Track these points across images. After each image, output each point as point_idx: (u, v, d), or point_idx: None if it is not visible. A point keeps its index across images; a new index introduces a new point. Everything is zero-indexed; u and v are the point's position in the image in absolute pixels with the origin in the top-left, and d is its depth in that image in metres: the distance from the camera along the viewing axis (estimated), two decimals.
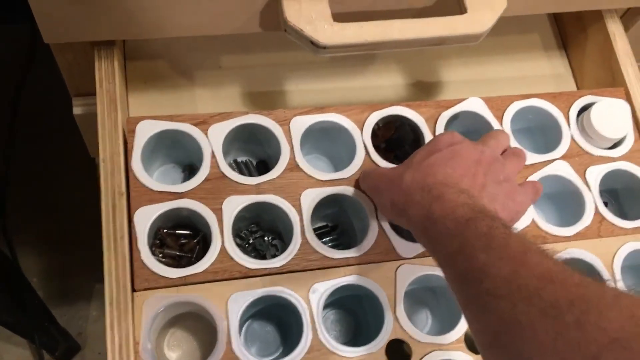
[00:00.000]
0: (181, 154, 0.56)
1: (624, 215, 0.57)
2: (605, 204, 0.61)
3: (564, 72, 0.69)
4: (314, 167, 0.54)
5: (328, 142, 0.58)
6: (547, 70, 0.69)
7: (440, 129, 0.57)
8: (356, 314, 0.56)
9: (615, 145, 0.59)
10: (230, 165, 0.56)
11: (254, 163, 0.59)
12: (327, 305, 0.56)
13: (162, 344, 0.52)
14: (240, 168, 0.57)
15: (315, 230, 0.57)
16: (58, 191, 1.09)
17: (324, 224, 0.58)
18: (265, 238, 0.56)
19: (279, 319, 0.55)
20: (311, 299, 0.49)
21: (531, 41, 0.71)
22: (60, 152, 1.05)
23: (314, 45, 0.48)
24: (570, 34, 0.69)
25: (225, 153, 0.55)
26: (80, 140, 0.69)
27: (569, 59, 0.70)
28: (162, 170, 0.57)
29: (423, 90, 0.66)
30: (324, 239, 0.56)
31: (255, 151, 0.59)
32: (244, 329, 0.54)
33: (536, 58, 0.70)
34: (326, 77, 0.65)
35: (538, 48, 0.70)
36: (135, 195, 0.50)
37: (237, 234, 0.56)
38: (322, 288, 0.50)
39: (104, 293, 0.47)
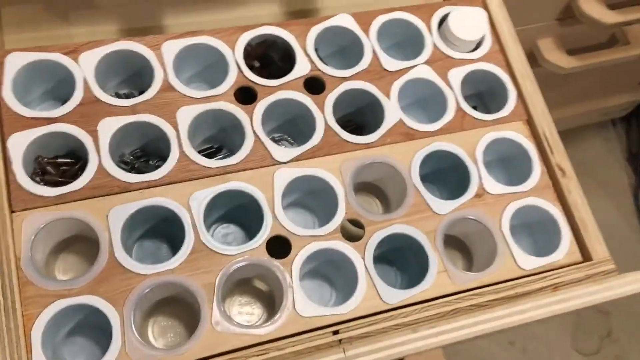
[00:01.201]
0: (60, 89, 0.57)
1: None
2: (474, 108, 0.66)
3: None
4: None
5: (202, 65, 0.60)
6: None
7: (310, 43, 0.60)
8: (242, 223, 0.58)
9: (475, 50, 0.64)
10: (111, 97, 0.58)
11: (136, 94, 0.60)
12: (215, 221, 0.58)
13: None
14: (121, 98, 0.59)
15: (200, 152, 0.59)
16: None
17: (209, 145, 0.60)
18: (151, 162, 0.58)
19: (169, 236, 0.57)
20: (192, 205, 0.52)
21: None
22: None
23: None
24: None
25: (104, 85, 0.57)
26: None
27: None
28: (44, 107, 0.58)
29: (302, 17, 0.69)
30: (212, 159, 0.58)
31: (136, 83, 0.60)
32: (134, 248, 0.56)
33: None
34: (204, 10, 0.67)
35: None
36: (7, 122, 0.51)
37: (121, 159, 0.57)
38: (202, 195, 0.52)
39: None
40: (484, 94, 0.66)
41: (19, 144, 0.51)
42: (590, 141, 1.54)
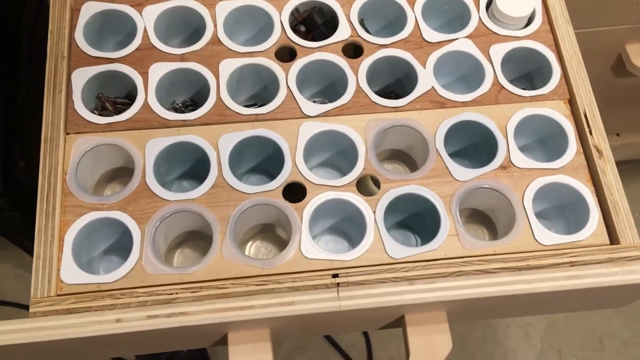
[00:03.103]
0: (128, 39, 0.64)
1: None
2: (523, 90, 0.65)
3: None
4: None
5: (252, 29, 0.64)
6: None
7: (354, 12, 0.62)
8: (272, 175, 0.61)
9: (524, 28, 0.63)
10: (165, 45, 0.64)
11: None
12: (248, 171, 0.62)
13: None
14: None
15: (244, 106, 0.64)
16: None
17: (253, 102, 0.65)
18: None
19: (205, 178, 0.61)
20: (219, 145, 0.56)
21: None
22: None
23: None
24: None
25: (166, 41, 0.63)
26: None
27: None
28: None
29: None
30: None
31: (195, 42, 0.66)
32: (173, 185, 0.62)
33: None
34: None
35: None
36: (74, 58, 0.59)
37: (172, 105, 0.63)
38: (230, 137, 0.56)
39: None
40: (533, 76, 0.65)
41: (81, 77, 0.58)
42: None
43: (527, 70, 0.64)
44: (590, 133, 0.57)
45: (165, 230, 0.55)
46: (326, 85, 0.64)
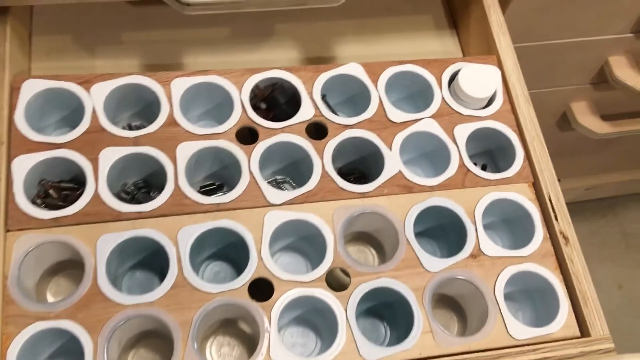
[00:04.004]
0: (75, 117, 0.59)
1: None
2: (484, 166, 0.65)
3: (453, 50, 0.73)
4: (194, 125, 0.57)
5: (211, 104, 0.61)
6: (438, 48, 0.73)
7: (317, 90, 0.60)
8: (234, 262, 0.58)
9: (485, 108, 0.63)
10: (123, 128, 0.60)
11: (147, 126, 0.62)
12: (207, 258, 0.59)
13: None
14: (133, 130, 0.61)
15: (201, 188, 0.60)
16: None
17: (211, 182, 0.61)
18: (151, 194, 0.59)
19: (161, 269, 0.57)
20: (179, 240, 0.52)
21: (424, 22, 0.75)
22: None
23: (178, 2, 0.52)
24: (459, 13, 0.73)
25: (115, 117, 0.59)
26: None
27: (458, 37, 0.74)
28: (58, 133, 0.61)
29: (313, 59, 0.70)
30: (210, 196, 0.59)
31: (149, 117, 0.62)
32: (125, 277, 0.57)
33: (428, 37, 0.74)
34: (224, 51, 0.69)
35: (430, 28, 0.75)
36: (15, 144, 0.53)
37: (123, 189, 0.59)
38: (190, 231, 0.53)
39: None
40: (494, 152, 0.65)
41: (22, 165, 0.53)
42: (637, 212, 1.47)
43: (490, 148, 0.64)
44: (556, 218, 0.57)
45: (119, 335, 0.50)
46: (288, 164, 0.61)
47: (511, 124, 0.62)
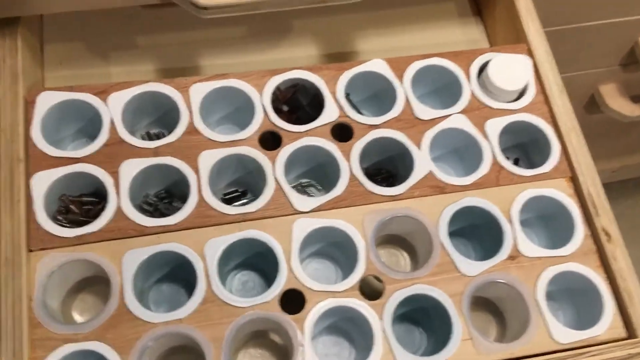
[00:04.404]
0: (92, 128, 0.58)
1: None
2: (517, 160, 0.62)
3: (479, 39, 0.70)
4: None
5: (231, 108, 0.59)
6: (462, 37, 0.70)
7: (340, 89, 0.58)
8: (262, 270, 0.56)
9: (517, 100, 0.60)
10: (142, 137, 0.58)
11: (166, 134, 0.60)
12: (235, 267, 0.57)
13: None
14: (152, 138, 0.59)
15: (225, 195, 0.59)
16: None
17: (234, 188, 0.59)
18: (174, 203, 0.57)
19: (187, 280, 0.56)
20: (206, 253, 0.51)
21: (446, 10, 0.72)
22: None
23: (195, 6, 0.50)
24: (483, 0, 0.70)
25: (134, 125, 0.57)
26: None
27: (484, 25, 0.71)
28: (75, 145, 0.59)
29: (338, 61, 0.67)
30: (233, 204, 0.57)
31: (167, 124, 0.60)
32: (151, 291, 0.55)
33: (452, 26, 0.71)
34: (242, 51, 0.67)
35: (453, 16, 0.72)
36: (33, 160, 0.52)
37: (144, 200, 0.57)
38: (217, 243, 0.51)
39: None
40: (528, 146, 0.62)
41: (42, 182, 0.51)
42: None
43: (523, 141, 0.62)
44: (597, 214, 0.54)
45: (149, 354, 0.49)
46: (313, 167, 0.59)
47: (545, 116, 0.59)
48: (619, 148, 1.21)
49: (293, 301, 0.50)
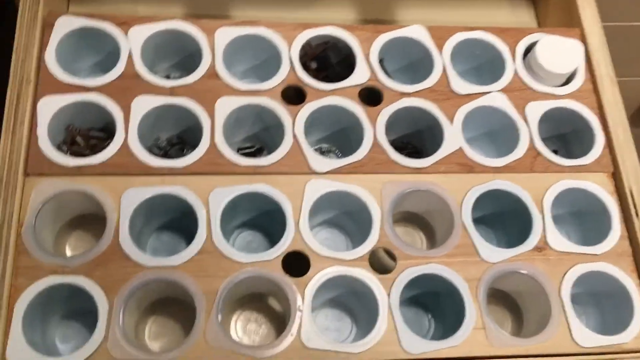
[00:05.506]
0: (111, 62, 0.55)
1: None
2: (555, 152, 0.58)
3: (527, 20, 0.66)
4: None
5: (258, 59, 0.56)
6: (510, 17, 0.66)
7: (374, 52, 0.54)
8: (269, 232, 0.53)
9: (564, 86, 0.56)
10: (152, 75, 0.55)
11: None
12: (240, 225, 0.54)
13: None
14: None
15: (239, 149, 0.55)
16: None
17: (250, 144, 0.56)
18: (185, 151, 0.54)
19: (190, 232, 0.52)
20: (210, 201, 0.47)
21: None
22: None
23: None
24: None
25: (153, 66, 0.55)
26: None
27: (534, 5, 0.66)
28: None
29: (372, 14, 0.63)
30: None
31: (189, 69, 0.57)
32: (151, 238, 0.52)
33: (499, 4, 0.67)
34: (275, 6, 0.63)
35: None
36: (43, 84, 0.49)
37: (155, 143, 0.54)
38: (223, 193, 0.48)
39: None
40: (569, 137, 0.58)
41: (49, 107, 0.48)
42: None
43: (563, 132, 0.57)
44: (637, 214, 0.50)
45: (137, 300, 0.46)
46: (336, 131, 0.56)
47: (592, 105, 0.55)
48: None
49: (297, 265, 0.47)
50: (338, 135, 0.56)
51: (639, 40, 0.78)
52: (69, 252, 0.51)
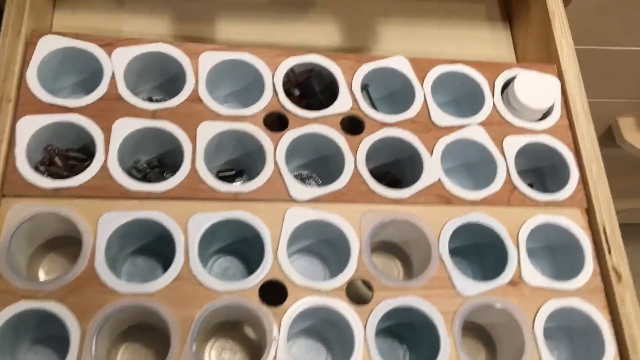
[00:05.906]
0: (93, 82, 0.55)
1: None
2: (531, 185, 0.59)
3: (505, 45, 0.67)
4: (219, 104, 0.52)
5: (240, 84, 0.56)
6: (489, 42, 0.67)
7: (357, 81, 0.55)
8: (246, 259, 0.53)
9: (540, 120, 0.57)
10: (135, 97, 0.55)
11: None
12: (217, 251, 0.53)
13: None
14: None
15: (219, 172, 0.55)
16: None
17: (230, 168, 0.56)
18: (165, 174, 0.54)
19: (166, 257, 0.52)
20: (189, 227, 0.47)
21: (476, 10, 0.69)
22: None
23: None
24: (515, 9, 0.67)
25: (136, 87, 0.55)
26: None
27: (512, 32, 0.68)
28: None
29: (356, 42, 0.64)
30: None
31: (172, 92, 0.57)
32: (126, 262, 0.52)
33: (479, 27, 0.68)
34: (260, 19, 0.63)
35: (482, 18, 0.69)
36: (23, 103, 0.49)
37: (134, 165, 0.54)
38: (202, 219, 0.48)
39: None
40: (544, 171, 0.59)
41: (28, 127, 0.48)
42: None
43: (539, 166, 0.58)
44: (609, 252, 0.51)
45: (111, 326, 0.45)
46: (316, 158, 0.56)
47: (567, 141, 0.56)
48: (633, 188, 1.16)
49: (274, 294, 0.47)
50: (318, 163, 0.56)
51: (608, 63, 0.80)
52: (42, 275, 0.50)
